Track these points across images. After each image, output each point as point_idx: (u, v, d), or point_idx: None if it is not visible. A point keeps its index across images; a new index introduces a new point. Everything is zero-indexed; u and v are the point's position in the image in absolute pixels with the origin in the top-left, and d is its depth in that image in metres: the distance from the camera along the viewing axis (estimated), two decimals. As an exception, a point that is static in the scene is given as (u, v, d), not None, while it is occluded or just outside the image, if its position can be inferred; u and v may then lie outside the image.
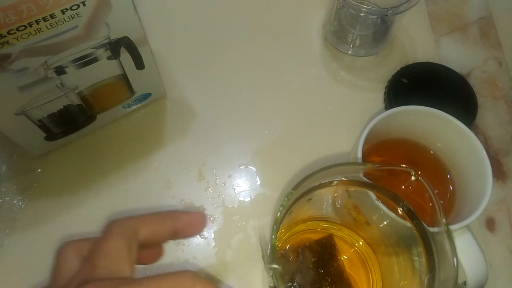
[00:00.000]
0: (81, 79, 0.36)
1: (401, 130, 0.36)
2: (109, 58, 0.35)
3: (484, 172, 0.32)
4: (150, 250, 0.27)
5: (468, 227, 0.30)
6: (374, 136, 0.33)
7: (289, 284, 0.33)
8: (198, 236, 0.39)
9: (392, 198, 0.30)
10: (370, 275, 0.34)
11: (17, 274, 0.37)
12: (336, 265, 0.34)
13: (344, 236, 0.35)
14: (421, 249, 0.28)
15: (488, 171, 0.32)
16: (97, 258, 0.22)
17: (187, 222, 0.26)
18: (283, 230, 0.34)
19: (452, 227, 0.30)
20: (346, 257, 0.35)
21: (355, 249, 0.35)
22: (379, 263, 0.34)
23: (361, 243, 0.35)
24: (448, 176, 0.36)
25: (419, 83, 0.44)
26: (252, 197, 0.40)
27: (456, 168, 0.35)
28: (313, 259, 0.34)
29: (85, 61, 0.34)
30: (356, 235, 0.35)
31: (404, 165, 0.28)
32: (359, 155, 0.32)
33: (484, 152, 0.32)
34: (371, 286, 0.34)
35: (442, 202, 0.35)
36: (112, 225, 0.23)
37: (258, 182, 0.41)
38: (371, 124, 0.32)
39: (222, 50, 0.48)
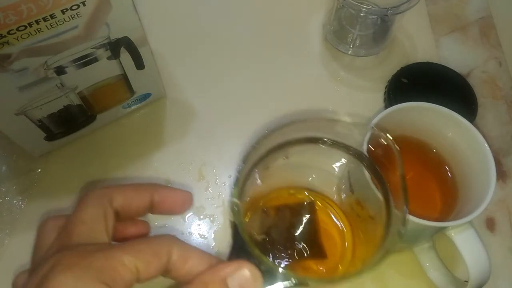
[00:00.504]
0: (81, 79, 0.36)
1: (404, 127, 0.36)
2: (109, 58, 0.35)
3: (487, 166, 0.32)
4: (133, 226, 0.26)
5: (471, 223, 0.30)
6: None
7: (263, 237, 0.33)
8: (198, 236, 0.38)
9: (359, 157, 0.30)
10: (346, 242, 0.35)
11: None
12: (311, 228, 0.35)
13: (326, 205, 0.36)
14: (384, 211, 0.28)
15: (491, 165, 0.31)
16: (73, 226, 0.22)
17: (166, 196, 0.25)
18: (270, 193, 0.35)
19: (455, 223, 0.30)
20: (323, 223, 0.35)
21: (332, 217, 0.35)
22: (351, 229, 0.34)
23: (337, 212, 0.35)
24: (451, 172, 0.36)
25: (419, 83, 0.44)
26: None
27: (459, 164, 0.35)
28: (290, 219, 0.34)
29: (85, 61, 0.34)
30: (337, 208, 0.35)
31: None
32: (364, 151, 0.32)
33: (487, 147, 0.32)
34: (344, 251, 0.34)
35: (445, 198, 0.35)
36: (87, 194, 0.23)
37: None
38: (375, 121, 0.32)
39: (222, 50, 0.48)
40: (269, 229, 0.34)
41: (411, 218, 0.29)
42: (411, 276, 0.37)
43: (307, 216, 0.35)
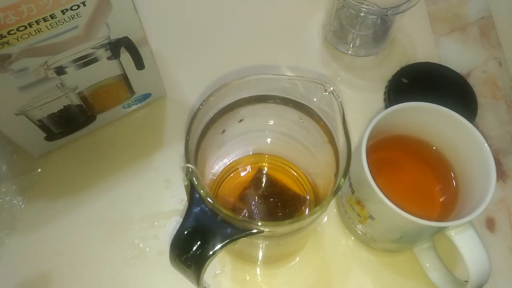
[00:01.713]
0: (81, 79, 0.36)
1: (404, 127, 0.36)
2: (109, 58, 0.35)
3: (487, 166, 0.32)
4: None
5: (471, 223, 0.30)
6: (377, 133, 0.33)
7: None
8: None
9: (306, 111, 0.31)
10: (304, 191, 0.37)
11: (17, 274, 0.37)
12: (277, 186, 0.36)
13: (280, 164, 0.37)
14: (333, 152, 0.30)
15: (491, 165, 0.31)
16: None
17: None
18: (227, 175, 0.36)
19: (455, 223, 0.30)
20: (282, 180, 0.37)
21: (289, 172, 0.37)
22: (309, 180, 0.37)
23: (295, 171, 0.37)
24: (451, 172, 0.36)
25: (419, 83, 0.44)
26: (252, 197, 0.40)
27: (459, 164, 0.35)
28: (257, 194, 0.36)
29: (85, 61, 0.34)
30: (290, 163, 0.37)
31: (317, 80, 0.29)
32: (363, 150, 0.32)
33: (487, 147, 0.32)
34: (303, 187, 0.37)
35: (445, 198, 0.36)
36: None
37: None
38: (375, 120, 0.32)
39: (222, 50, 0.48)
40: (251, 215, 0.35)
41: (411, 218, 0.29)
42: (411, 276, 0.37)
43: (268, 182, 0.37)
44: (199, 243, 0.26)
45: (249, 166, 0.38)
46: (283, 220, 0.25)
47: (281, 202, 0.36)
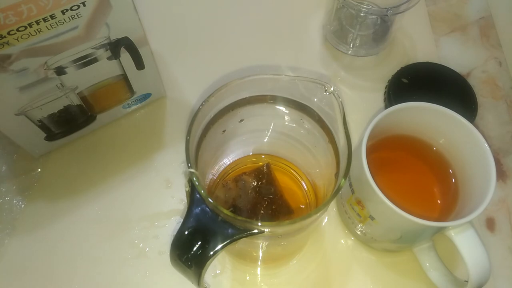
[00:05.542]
0: (81, 79, 0.36)
1: (404, 127, 0.36)
2: (109, 58, 0.35)
3: (487, 166, 0.32)
4: None
5: (471, 223, 0.30)
6: (377, 133, 0.33)
7: (231, 209, 0.34)
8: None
9: (306, 111, 0.31)
10: (304, 192, 0.37)
11: (17, 274, 0.37)
12: (273, 188, 0.36)
13: (280, 165, 0.37)
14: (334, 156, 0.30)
15: (491, 165, 0.31)
16: None
17: None
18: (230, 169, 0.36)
19: (455, 223, 0.30)
20: (283, 182, 0.37)
21: (289, 172, 0.37)
22: (310, 181, 0.37)
23: (294, 170, 0.37)
24: (451, 172, 0.36)
25: (419, 83, 0.44)
26: (252, 197, 0.40)
27: (459, 164, 0.35)
28: (251, 185, 0.36)
29: (85, 61, 0.34)
30: (290, 163, 0.37)
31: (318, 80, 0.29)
32: (363, 150, 0.32)
33: (487, 147, 0.32)
34: (307, 199, 0.36)
35: (445, 198, 0.36)
36: None
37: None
38: (375, 120, 0.32)
39: (222, 50, 0.48)
40: (234, 201, 0.35)
41: (411, 218, 0.29)
42: (411, 276, 0.37)
43: (267, 179, 0.36)
44: (199, 243, 0.26)
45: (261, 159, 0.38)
46: (282, 221, 0.25)
47: (268, 202, 0.35)
